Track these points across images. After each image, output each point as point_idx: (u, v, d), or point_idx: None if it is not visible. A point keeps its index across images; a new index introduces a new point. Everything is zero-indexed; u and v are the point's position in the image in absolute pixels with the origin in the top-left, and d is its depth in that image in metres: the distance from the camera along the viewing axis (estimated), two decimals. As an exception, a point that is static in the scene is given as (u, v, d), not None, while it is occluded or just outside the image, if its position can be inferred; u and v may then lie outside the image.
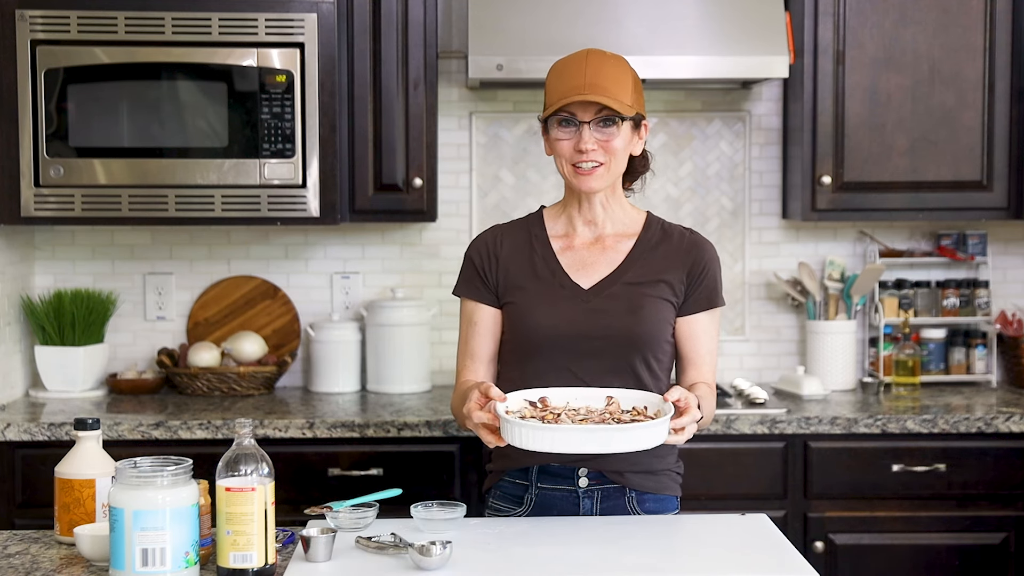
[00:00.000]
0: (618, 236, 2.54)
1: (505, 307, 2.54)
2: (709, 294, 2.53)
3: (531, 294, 2.50)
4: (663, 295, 2.49)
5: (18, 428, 3.28)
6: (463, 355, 2.58)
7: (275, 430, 3.30)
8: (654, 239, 2.54)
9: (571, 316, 2.46)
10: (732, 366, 4.00)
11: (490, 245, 2.57)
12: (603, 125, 2.43)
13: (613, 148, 2.45)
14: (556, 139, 2.46)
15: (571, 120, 2.44)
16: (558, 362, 2.46)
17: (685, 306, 2.52)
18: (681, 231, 2.57)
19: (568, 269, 2.51)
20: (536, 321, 2.47)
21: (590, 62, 2.45)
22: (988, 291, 3.95)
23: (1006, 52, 3.65)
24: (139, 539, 1.96)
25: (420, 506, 2.33)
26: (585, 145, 2.43)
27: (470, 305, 2.57)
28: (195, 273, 3.95)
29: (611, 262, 2.52)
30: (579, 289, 2.49)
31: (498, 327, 2.56)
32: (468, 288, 2.58)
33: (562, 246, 2.54)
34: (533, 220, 2.60)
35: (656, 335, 2.48)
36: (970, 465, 3.41)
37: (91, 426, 2.31)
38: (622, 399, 2.32)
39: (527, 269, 2.52)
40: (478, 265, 2.56)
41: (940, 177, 3.69)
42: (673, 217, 3.93)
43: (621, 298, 2.48)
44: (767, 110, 3.97)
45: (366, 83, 3.59)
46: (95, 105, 3.44)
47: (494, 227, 2.62)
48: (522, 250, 2.55)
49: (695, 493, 3.32)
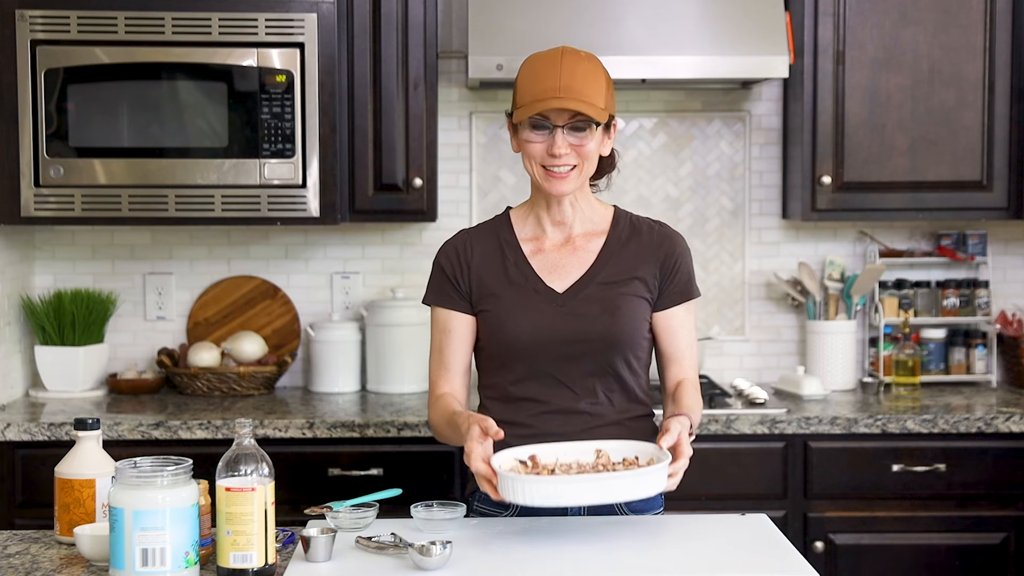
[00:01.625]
0: (587, 235, 2.52)
1: (480, 315, 2.51)
2: (684, 287, 2.52)
3: (506, 301, 2.48)
4: (638, 292, 2.48)
5: (18, 428, 3.28)
6: (437, 365, 2.55)
7: (275, 430, 3.30)
8: (624, 235, 2.52)
9: (548, 321, 2.45)
10: (732, 366, 4.00)
11: (460, 252, 2.54)
12: (576, 129, 2.41)
13: (586, 152, 2.42)
14: (527, 140, 2.43)
15: (543, 123, 2.41)
16: (538, 368, 2.45)
17: (660, 301, 2.51)
18: (650, 224, 2.55)
19: (541, 273, 2.49)
20: (514, 329, 2.45)
21: (564, 63, 2.41)
22: (988, 291, 3.95)
23: (1006, 52, 3.65)
24: (139, 539, 1.96)
25: (420, 506, 2.33)
26: (558, 149, 2.39)
27: (443, 313, 2.54)
28: (195, 273, 3.95)
29: (583, 263, 2.50)
30: (554, 293, 2.47)
31: (472, 335, 2.54)
32: (440, 297, 2.54)
33: (532, 249, 2.52)
34: (500, 223, 2.57)
35: (634, 334, 2.48)
36: (970, 465, 3.41)
37: (91, 426, 2.31)
38: (611, 451, 2.30)
39: (500, 275, 2.50)
40: (449, 273, 2.53)
41: (940, 177, 3.69)
42: (673, 217, 3.93)
43: (596, 300, 2.46)
44: (767, 110, 3.97)
45: (366, 83, 3.59)
46: (95, 105, 3.44)
47: (461, 232, 2.59)
48: (493, 256, 2.52)
49: (695, 493, 3.32)
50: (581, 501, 2.19)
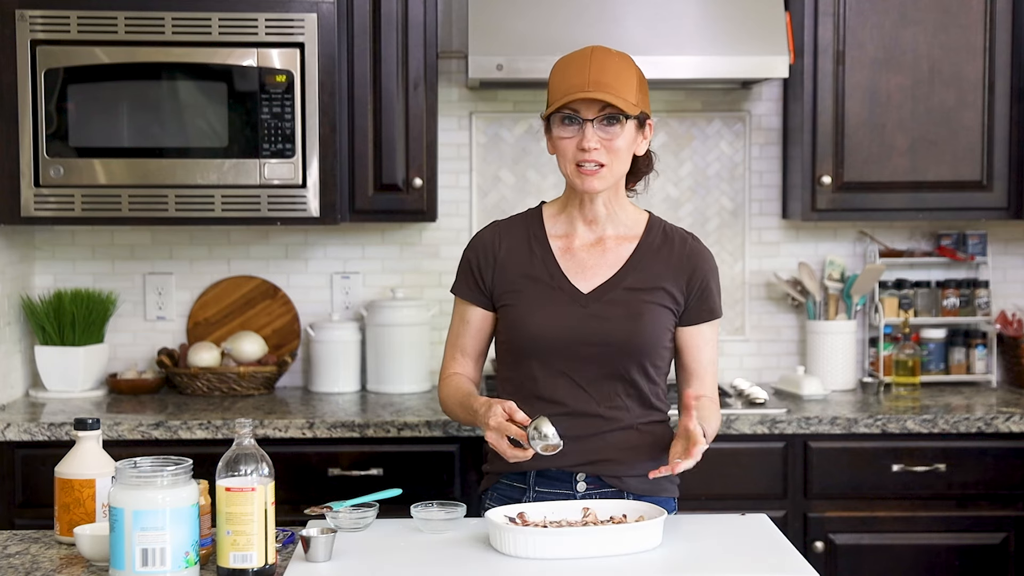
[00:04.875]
0: (619, 238, 2.52)
1: (501, 309, 2.52)
2: (711, 305, 2.52)
3: (528, 297, 2.48)
4: (662, 302, 2.47)
5: (18, 428, 3.28)
6: (452, 347, 2.59)
7: (275, 430, 3.30)
8: (656, 243, 2.51)
9: (569, 321, 2.45)
10: (732, 366, 4.00)
11: (488, 245, 2.55)
12: (607, 124, 2.40)
13: (616, 148, 2.41)
14: (559, 137, 2.43)
15: (574, 118, 2.41)
16: (554, 367, 2.45)
17: (686, 316, 2.51)
18: (683, 236, 2.54)
19: (567, 272, 2.49)
20: (533, 325, 2.45)
21: (595, 59, 2.41)
22: (988, 291, 3.95)
23: (1006, 52, 3.65)
24: (139, 539, 1.96)
25: (420, 506, 2.33)
26: (588, 143, 2.39)
27: (463, 304, 2.57)
28: (195, 273, 3.95)
29: (611, 266, 2.49)
30: (578, 293, 2.47)
31: (488, 329, 2.57)
32: (462, 288, 2.57)
33: (561, 247, 2.52)
34: (532, 218, 2.57)
35: (655, 343, 2.47)
36: (970, 465, 3.41)
37: (91, 426, 2.31)
38: (598, 509, 2.29)
39: (525, 270, 2.50)
40: (474, 266, 2.55)
41: (940, 177, 3.69)
42: (673, 217, 3.93)
43: (621, 304, 2.45)
44: (767, 110, 3.97)
45: (366, 83, 3.59)
46: (95, 105, 3.44)
47: (493, 224, 2.60)
48: (521, 250, 2.52)
49: (695, 493, 3.32)
50: (581, 553, 2.15)
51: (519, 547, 2.13)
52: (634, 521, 2.24)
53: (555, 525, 2.22)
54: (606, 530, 2.16)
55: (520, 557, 2.13)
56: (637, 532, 2.17)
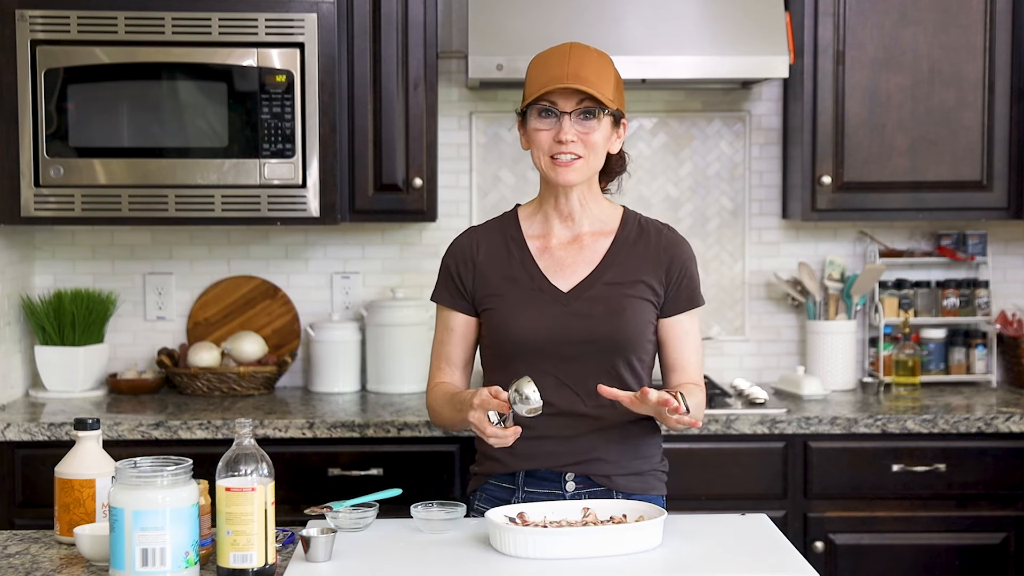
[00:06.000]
0: (595, 234, 2.52)
1: (484, 313, 2.52)
2: (690, 294, 2.53)
3: (510, 300, 2.48)
4: (643, 295, 2.48)
5: (18, 428, 3.28)
6: (438, 357, 2.58)
7: (275, 430, 3.30)
8: (632, 236, 2.52)
9: (552, 321, 2.45)
10: (732, 366, 4.00)
11: (466, 250, 2.55)
12: (584, 117, 2.42)
13: (592, 141, 2.43)
14: (535, 129, 2.44)
15: (551, 110, 2.42)
16: (541, 367, 2.44)
17: (668, 307, 2.51)
18: (658, 228, 2.55)
19: (546, 271, 2.49)
20: (516, 327, 2.46)
21: (574, 54, 2.43)
22: (988, 291, 3.95)
23: (1006, 52, 3.65)
24: (139, 539, 1.96)
25: (420, 506, 2.33)
26: (565, 136, 2.40)
27: (445, 311, 2.57)
28: (195, 273, 3.95)
29: (589, 262, 2.50)
30: (558, 292, 2.47)
31: (473, 334, 2.57)
32: (443, 295, 2.57)
33: (539, 247, 2.52)
34: (508, 220, 2.58)
35: (639, 337, 2.48)
36: (970, 465, 3.41)
37: (91, 426, 2.31)
38: (598, 509, 2.29)
39: (505, 273, 2.51)
40: (454, 272, 2.55)
41: (940, 177, 3.69)
42: (673, 217, 3.93)
43: (602, 300, 2.46)
44: (767, 110, 3.97)
45: (366, 83, 3.59)
46: (95, 105, 3.44)
47: (470, 230, 2.61)
48: (499, 253, 2.53)
49: (695, 493, 3.33)
50: (583, 553, 2.14)
51: (519, 547, 2.13)
52: (634, 521, 2.24)
53: (555, 525, 2.22)
54: (606, 530, 2.16)
55: (520, 557, 2.13)
56: (637, 532, 2.17)
